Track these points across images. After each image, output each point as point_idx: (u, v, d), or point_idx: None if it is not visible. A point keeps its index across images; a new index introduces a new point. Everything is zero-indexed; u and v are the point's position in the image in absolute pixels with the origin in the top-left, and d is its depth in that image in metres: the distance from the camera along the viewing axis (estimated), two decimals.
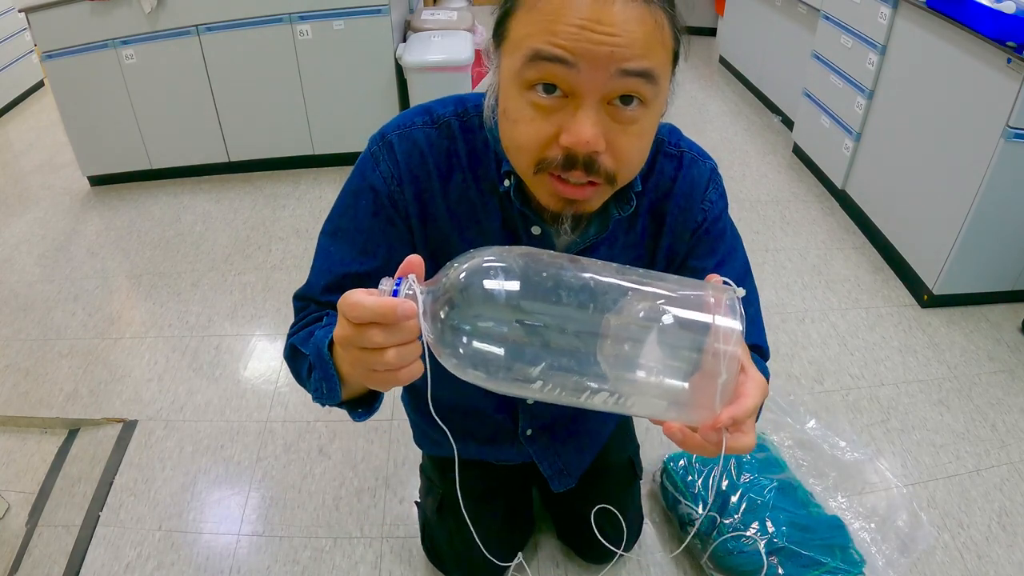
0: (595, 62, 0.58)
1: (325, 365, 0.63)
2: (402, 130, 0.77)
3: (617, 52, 0.58)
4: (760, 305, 0.89)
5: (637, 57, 0.58)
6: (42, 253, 2.37)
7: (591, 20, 0.57)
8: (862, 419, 1.65)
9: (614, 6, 0.57)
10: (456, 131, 0.77)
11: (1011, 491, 1.48)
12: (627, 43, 0.58)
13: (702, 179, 0.82)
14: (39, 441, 1.67)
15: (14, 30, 3.65)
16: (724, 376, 0.46)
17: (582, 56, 0.58)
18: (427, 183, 0.77)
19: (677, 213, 0.81)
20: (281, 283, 2.13)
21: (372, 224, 0.78)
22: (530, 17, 0.60)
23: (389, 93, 2.64)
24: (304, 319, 0.80)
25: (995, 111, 1.66)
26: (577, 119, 0.60)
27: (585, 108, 0.60)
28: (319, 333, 0.69)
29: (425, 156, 0.77)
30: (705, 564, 1.26)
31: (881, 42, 2.14)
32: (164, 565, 1.34)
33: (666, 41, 0.61)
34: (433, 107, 0.79)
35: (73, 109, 2.57)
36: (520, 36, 0.61)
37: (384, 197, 0.77)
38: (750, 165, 2.81)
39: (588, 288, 0.49)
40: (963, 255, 1.87)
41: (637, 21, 0.58)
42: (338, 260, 0.79)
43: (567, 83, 0.59)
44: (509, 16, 0.63)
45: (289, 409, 1.69)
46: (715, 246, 0.84)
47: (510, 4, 0.63)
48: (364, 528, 1.40)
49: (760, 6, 3.25)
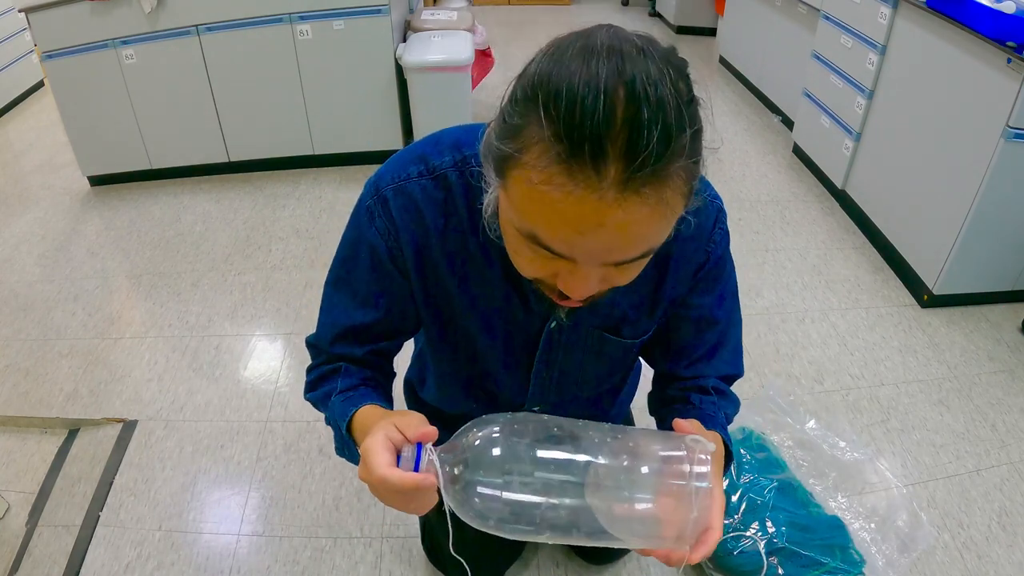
0: (591, 256, 0.55)
1: (347, 444, 0.75)
2: (397, 184, 0.74)
3: (616, 251, 0.54)
4: (741, 329, 0.89)
5: (638, 249, 0.55)
6: (42, 253, 2.38)
7: (592, 225, 0.50)
8: (862, 419, 1.65)
9: (619, 210, 0.49)
10: (453, 183, 0.73)
11: (1011, 491, 1.48)
12: (628, 244, 0.53)
13: (708, 222, 0.78)
14: (39, 441, 1.67)
15: (14, 30, 3.65)
16: (695, 513, 0.56)
17: (577, 252, 0.54)
18: (424, 238, 0.75)
19: (680, 257, 0.78)
20: (281, 283, 2.14)
21: (371, 278, 0.78)
22: (528, 192, 0.52)
23: (389, 93, 2.64)
24: (318, 368, 0.84)
25: (995, 111, 1.66)
26: (573, 280, 0.58)
27: (582, 270, 0.57)
28: (337, 405, 0.78)
29: (422, 211, 0.74)
30: (705, 564, 1.26)
31: (881, 42, 2.14)
32: (164, 565, 1.34)
33: (679, 210, 0.54)
34: (429, 155, 0.74)
35: (73, 109, 2.57)
36: (516, 201, 0.54)
37: (382, 253, 0.76)
38: (750, 165, 2.81)
39: (582, 451, 0.58)
40: (963, 255, 1.87)
41: (645, 221, 0.51)
42: (341, 312, 0.82)
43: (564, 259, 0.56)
44: (507, 163, 0.53)
45: (289, 409, 1.69)
46: (715, 284, 0.83)
47: (508, 154, 0.52)
48: (364, 528, 1.40)
49: (760, 6, 3.25)
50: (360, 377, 0.82)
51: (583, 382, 0.91)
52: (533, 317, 0.81)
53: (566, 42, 0.52)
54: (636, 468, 0.57)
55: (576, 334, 0.82)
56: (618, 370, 0.94)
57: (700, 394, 0.86)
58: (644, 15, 4.96)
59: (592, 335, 0.83)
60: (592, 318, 0.81)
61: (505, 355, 0.86)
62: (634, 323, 0.82)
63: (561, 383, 0.89)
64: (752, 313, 2.00)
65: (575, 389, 0.92)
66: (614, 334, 0.83)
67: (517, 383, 0.90)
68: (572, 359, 0.86)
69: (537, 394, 0.91)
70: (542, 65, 0.51)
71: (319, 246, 2.32)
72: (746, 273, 2.17)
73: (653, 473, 0.57)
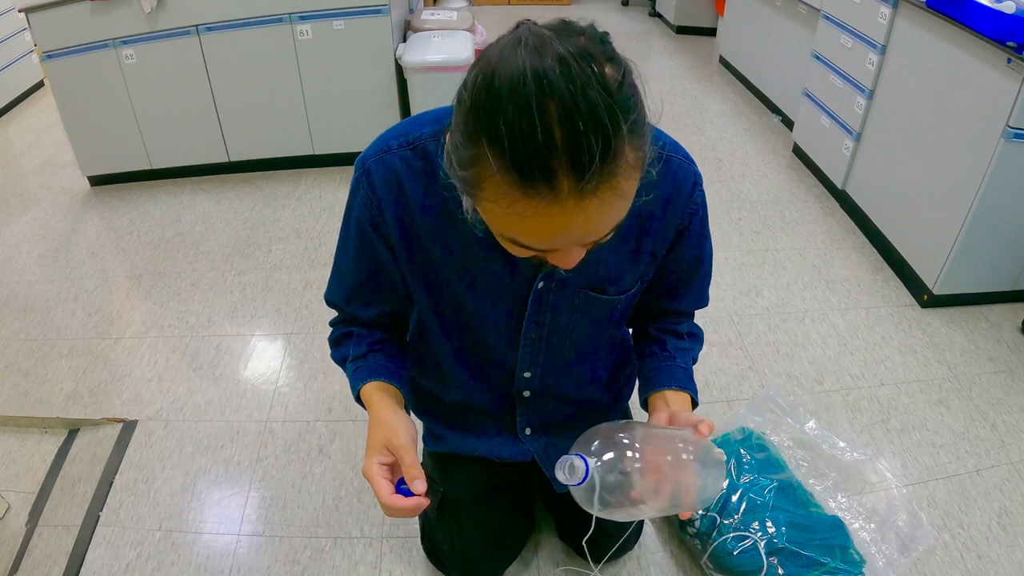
0: (568, 244, 0.62)
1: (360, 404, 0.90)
2: (379, 156, 0.80)
3: (590, 236, 0.60)
4: (712, 269, 1.01)
5: (609, 228, 0.61)
6: (42, 253, 2.38)
7: (560, 227, 0.56)
8: (862, 419, 1.65)
9: (581, 211, 0.54)
10: (432, 152, 0.78)
11: (1011, 491, 1.48)
12: (599, 229, 0.59)
13: (687, 183, 0.85)
14: (39, 441, 1.67)
15: (14, 30, 3.65)
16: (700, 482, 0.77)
17: (558, 246, 0.61)
18: (405, 205, 0.81)
19: (661, 215, 0.85)
20: (281, 283, 2.14)
21: (358, 245, 0.87)
22: (496, 215, 0.58)
23: (389, 93, 2.64)
24: (337, 327, 0.98)
25: (995, 111, 1.66)
26: (563, 258, 0.66)
27: (565, 251, 0.64)
28: (349, 372, 0.92)
29: (401, 179, 0.79)
30: (705, 564, 1.26)
31: (881, 42, 2.14)
32: (164, 565, 1.34)
33: (636, 182, 0.59)
34: (410, 128, 0.80)
35: (73, 109, 2.57)
36: (491, 219, 0.61)
37: (366, 223, 0.83)
38: (750, 165, 2.81)
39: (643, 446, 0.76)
40: (963, 255, 1.87)
41: (608, 210, 0.56)
42: (344, 273, 0.92)
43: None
44: (472, 185, 0.57)
45: (289, 409, 1.69)
46: (695, 243, 0.91)
47: (471, 178, 0.56)
48: (364, 528, 1.40)
49: (760, 6, 3.25)
50: (368, 342, 0.93)
51: (571, 343, 0.96)
52: (520, 280, 0.86)
53: (493, 58, 0.55)
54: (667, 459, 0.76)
55: (563, 294, 0.88)
56: (604, 331, 0.99)
57: (675, 339, 1.00)
58: (644, 15, 4.96)
59: (579, 294, 0.88)
60: (578, 278, 0.86)
61: (495, 319, 0.90)
62: (618, 281, 0.89)
63: (550, 344, 0.95)
64: (752, 313, 2.00)
65: (564, 353, 0.97)
66: (599, 292, 0.89)
67: (508, 348, 0.95)
68: (560, 318, 0.91)
69: (527, 356, 0.96)
70: (477, 94, 0.54)
71: (319, 246, 2.32)
72: (746, 273, 2.17)
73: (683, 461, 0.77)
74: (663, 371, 0.97)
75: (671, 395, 0.94)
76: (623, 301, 0.93)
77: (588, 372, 1.05)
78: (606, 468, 0.73)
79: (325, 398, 1.71)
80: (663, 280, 0.96)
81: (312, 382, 1.76)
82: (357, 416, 1.66)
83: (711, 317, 1.95)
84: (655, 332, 1.02)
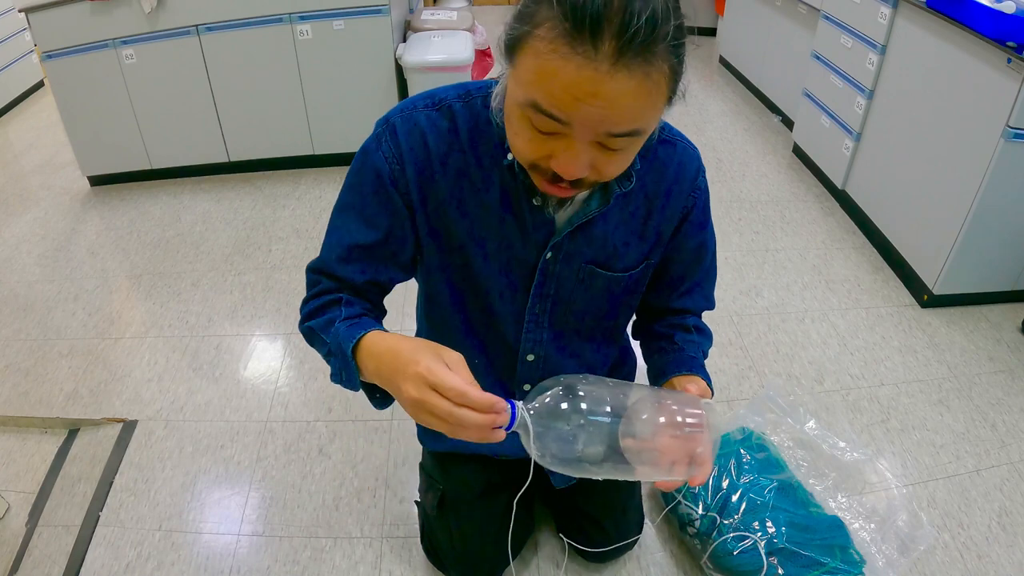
0: (586, 125, 0.62)
1: (348, 366, 0.78)
2: (405, 113, 0.83)
3: (608, 121, 0.61)
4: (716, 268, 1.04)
5: (627, 123, 0.62)
6: (42, 253, 2.38)
7: (587, 92, 0.59)
8: (862, 419, 1.65)
9: (614, 79, 0.58)
10: (457, 111, 0.82)
11: (1011, 491, 1.48)
12: (619, 115, 0.61)
13: (692, 167, 0.90)
14: (39, 441, 1.67)
15: (14, 30, 3.65)
16: (700, 449, 0.74)
17: (575, 119, 0.62)
18: (426, 161, 0.83)
19: (666, 196, 0.88)
20: (281, 283, 2.14)
21: (373, 200, 0.85)
22: (534, 64, 0.61)
23: (389, 93, 2.64)
24: (319, 297, 0.88)
25: (995, 111, 1.66)
26: (567, 155, 0.65)
27: (575, 147, 0.64)
28: (342, 330, 0.80)
29: (425, 135, 0.82)
30: (705, 564, 1.26)
31: (881, 42, 2.14)
32: (164, 565, 1.34)
33: (662, 97, 0.63)
34: (436, 92, 0.84)
35: (73, 109, 2.57)
36: (523, 74, 0.63)
37: (385, 176, 0.83)
38: (750, 165, 2.81)
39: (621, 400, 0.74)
40: (963, 255, 1.87)
41: (633, 93, 0.59)
42: (345, 232, 0.87)
43: (561, 129, 0.64)
44: (520, 44, 0.63)
45: (289, 409, 1.69)
46: (699, 228, 0.94)
47: (521, 34, 0.62)
48: (364, 528, 1.40)
49: (760, 6, 3.25)
50: (362, 307, 0.88)
51: (573, 321, 0.97)
52: (530, 247, 0.87)
53: None
54: (655, 417, 0.73)
55: (569, 267, 0.89)
56: (606, 312, 0.99)
57: (683, 332, 1.00)
58: None
59: (584, 269, 0.90)
60: (586, 251, 0.88)
61: (502, 284, 0.91)
62: (623, 257, 0.91)
63: (553, 314, 0.95)
64: (752, 313, 2.00)
65: (566, 324, 0.98)
66: (605, 268, 0.91)
67: (513, 316, 0.95)
68: (564, 292, 0.93)
69: (531, 335, 0.97)
70: None
71: (319, 246, 2.31)
72: (746, 273, 2.17)
73: (666, 421, 0.74)
74: (672, 362, 0.96)
75: (680, 380, 0.92)
76: (626, 280, 0.94)
77: (590, 360, 1.05)
78: (548, 414, 0.69)
79: (325, 398, 1.71)
80: (667, 273, 0.98)
81: (312, 382, 1.76)
82: (357, 416, 1.66)
83: (711, 317, 1.94)
84: (661, 329, 1.02)
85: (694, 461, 0.73)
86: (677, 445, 0.73)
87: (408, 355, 0.70)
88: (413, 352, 0.70)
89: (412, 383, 0.68)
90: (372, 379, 0.78)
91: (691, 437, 0.73)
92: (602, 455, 0.71)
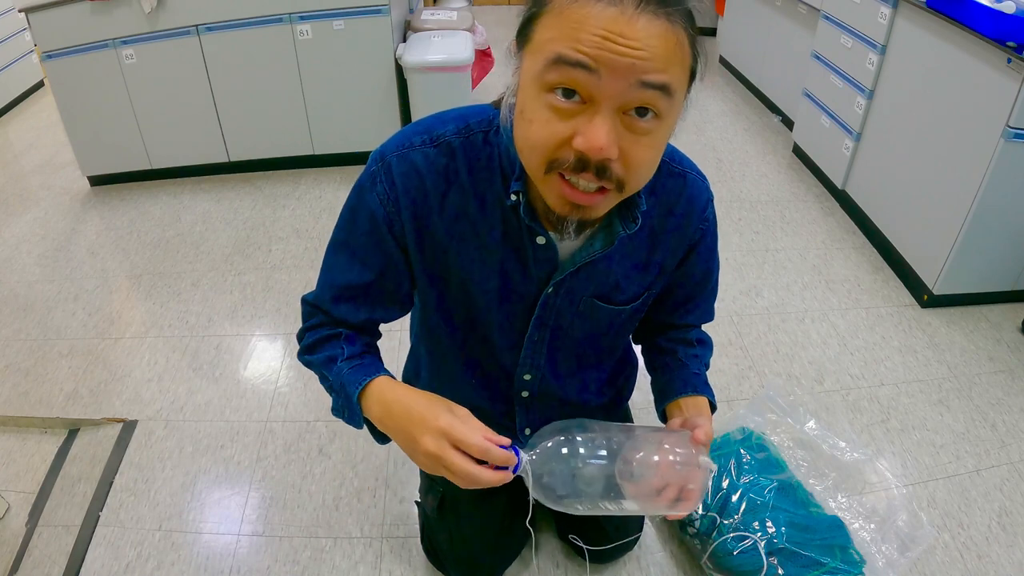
0: (616, 71, 0.59)
1: (353, 410, 0.81)
2: (401, 151, 0.79)
3: (638, 64, 0.59)
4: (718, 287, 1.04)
5: (657, 71, 0.60)
6: (42, 253, 2.37)
7: (615, 32, 0.58)
8: (862, 419, 1.65)
9: (638, 21, 0.58)
10: (456, 148, 0.79)
11: (1011, 491, 1.48)
12: (648, 56, 0.59)
13: (701, 199, 0.87)
14: (39, 441, 1.67)
15: (14, 30, 3.65)
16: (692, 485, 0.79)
17: (604, 64, 0.59)
18: (423, 202, 0.80)
19: (673, 230, 0.87)
20: (281, 283, 2.13)
21: (367, 241, 0.83)
22: (556, 22, 0.61)
23: (389, 93, 2.64)
24: (315, 330, 0.88)
25: (995, 111, 1.66)
26: (594, 124, 0.61)
27: (602, 115, 0.61)
28: (346, 373, 0.83)
29: (422, 176, 0.79)
30: (705, 564, 1.26)
31: (881, 42, 2.14)
32: (164, 565, 1.34)
33: (685, 59, 0.63)
34: (433, 126, 0.80)
35: (73, 109, 2.57)
36: (544, 40, 0.62)
37: (380, 219, 0.81)
38: (750, 165, 2.81)
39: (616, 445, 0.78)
40: (963, 255, 1.87)
41: (659, 37, 0.59)
42: (339, 272, 0.86)
43: (587, 89, 0.61)
44: (535, 19, 0.63)
45: (289, 409, 1.69)
46: (704, 258, 0.93)
47: (536, 8, 0.63)
48: (364, 528, 1.40)
49: (760, 6, 3.24)
50: (362, 344, 0.88)
51: (572, 349, 0.97)
52: (531, 282, 0.86)
53: None
54: (649, 460, 0.77)
55: (570, 300, 0.88)
56: (606, 341, 0.99)
57: (685, 347, 1.01)
58: None
59: (585, 302, 0.89)
60: (587, 286, 0.87)
61: (501, 317, 0.90)
62: (625, 290, 0.90)
63: (552, 348, 0.95)
64: (752, 313, 2.00)
65: (565, 359, 0.98)
66: (605, 302, 0.90)
67: (510, 349, 0.94)
68: (564, 324, 0.92)
69: (528, 360, 0.96)
70: None
71: (319, 246, 2.32)
72: (746, 273, 2.17)
73: (660, 463, 0.78)
74: (676, 380, 0.97)
75: (686, 402, 0.94)
76: (627, 312, 0.93)
77: (587, 378, 1.05)
78: (548, 459, 0.74)
79: (325, 398, 1.70)
80: (671, 295, 0.97)
81: (312, 382, 1.76)
82: None
83: None
84: (665, 344, 1.03)
85: (681, 496, 0.78)
86: (671, 481, 0.78)
87: (424, 409, 0.73)
88: (428, 407, 0.74)
89: (432, 437, 0.71)
90: (376, 423, 0.81)
91: (684, 474, 0.78)
92: (600, 496, 0.76)
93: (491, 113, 0.79)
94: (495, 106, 0.79)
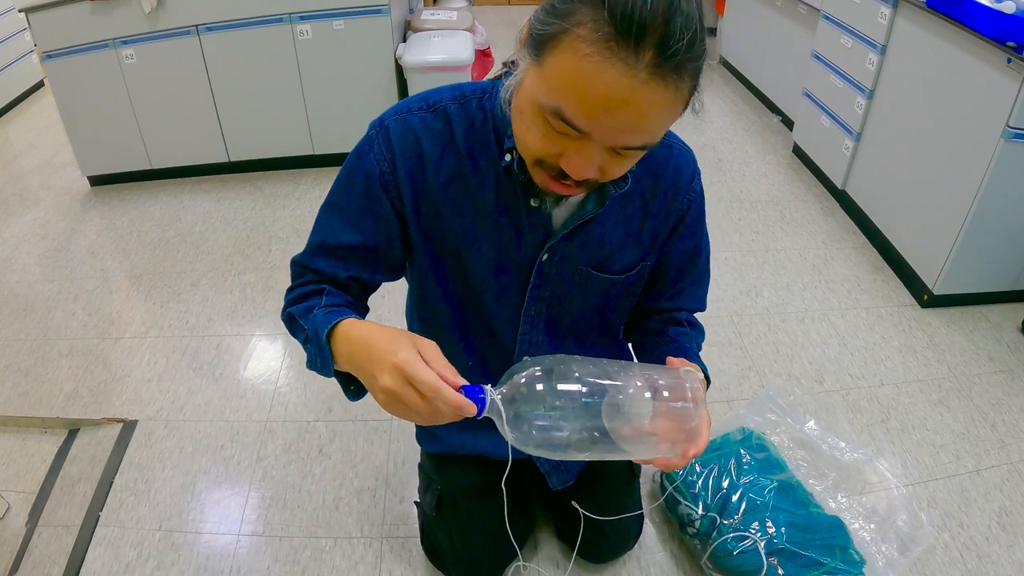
0: (611, 132, 0.62)
1: (323, 351, 0.76)
2: (399, 116, 0.82)
3: (637, 131, 0.62)
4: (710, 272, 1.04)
5: (646, 137, 0.63)
6: (42, 253, 2.37)
7: (621, 100, 0.58)
8: (862, 419, 1.65)
9: (645, 90, 0.58)
10: (452, 113, 0.82)
11: (1011, 491, 1.48)
12: (647, 126, 0.62)
13: (688, 169, 0.90)
14: (39, 441, 1.67)
15: (14, 30, 3.65)
16: (693, 424, 0.71)
17: (601, 127, 0.61)
18: (419, 163, 0.82)
19: (663, 198, 0.89)
20: (281, 283, 2.13)
21: (361, 203, 0.84)
22: (570, 64, 0.59)
23: (389, 93, 2.64)
24: (302, 287, 0.88)
25: (995, 111, 1.66)
26: (580, 157, 0.65)
27: (590, 150, 0.65)
28: (320, 316, 0.79)
29: (419, 138, 0.81)
30: (705, 564, 1.26)
31: (881, 42, 2.14)
32: (164, 565, 1.34)
33: (680, 111, 0.65)
34: (431, 94, 0.83)
35: (73, 109, 2.57)
36: (554, 75, 0.61)
37: (376, 179, 0.83)
38: (750, 165, 2.81)
39: (602, 379, 0.70)
40: (963, 255, 1.87)
41: (661, 105, 0.60)
42: (330, 232, 0.87)
43: (578, 133, 0.64)
44: (553, 41, 0.60)
45: (289, 409, 1.69)
46: (694, 231, 0.95)
47: (557, 30, 0.60)
48: (364, 528, 1.40)
49: (760, 6, 3.25)
50: (344, 299, 0.87)
51: (568, 315, 0.97)
52: (525, 250, 0.87)
53: None
54: (641, 395, 0.70)
55: (565, 269, 0.90)
56: (601, 314, 1.00)
57: (675, 326, 1.00)
58: None
59: (580, 271, 0.91)
60: (582, 254, 0.88)
61: (497, 286, 0.91)
62: (619, 259, 0.91)
63: (548, 321, 0.96)
64: (752, 313, 2.00)
65: (561, 324, 0.98)
66: (600, 271, 0.91)
67: (508, 317, 0.95)
68: (560, 294, 0.93)
69: (527, 337, 0.97)
70: None
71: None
72: (746, 273, 2.17)
73: (654, 398, 0.71)
74: (667, 352, 0.93)
75: (670, 360, 0.89)
76: (622, 282, 0.94)
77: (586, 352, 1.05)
78: (522, 397, 0.66)
79: (325, 398, 1.71)
80: (662, 273, 0.98)
81: (312, 382, 1.76)
82: (357, 416, 1.66)
83: (711, 317, 1.94)
84: (653, 324, 1.03)
85: (688, 436, 0.71)
86: (668, 420, 0.70)
87: (384, 344, 0.68)
88: (390, 342, 0.68)
89: (389, 373, 0.66)
90: (344, 365, 0.76)
91: (681, 411, 0.71)
92: (586, 437, 0.68)
93: (487, 85, 0.82)
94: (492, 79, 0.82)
